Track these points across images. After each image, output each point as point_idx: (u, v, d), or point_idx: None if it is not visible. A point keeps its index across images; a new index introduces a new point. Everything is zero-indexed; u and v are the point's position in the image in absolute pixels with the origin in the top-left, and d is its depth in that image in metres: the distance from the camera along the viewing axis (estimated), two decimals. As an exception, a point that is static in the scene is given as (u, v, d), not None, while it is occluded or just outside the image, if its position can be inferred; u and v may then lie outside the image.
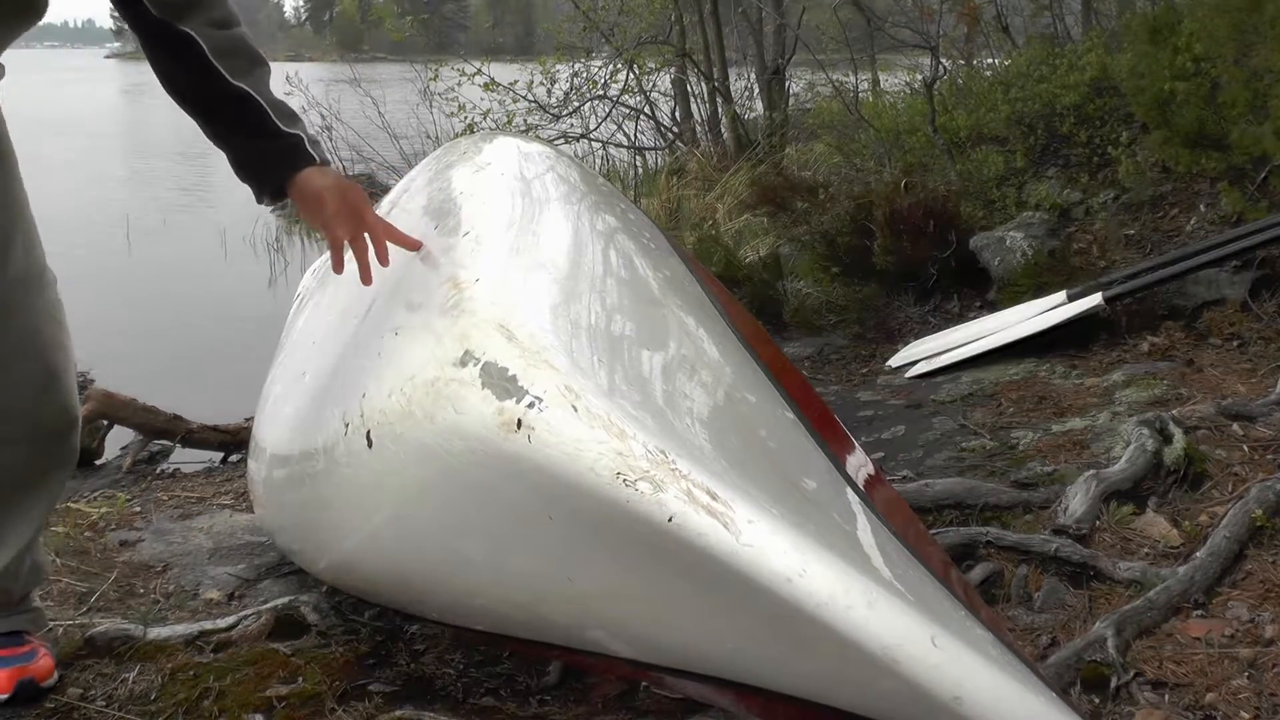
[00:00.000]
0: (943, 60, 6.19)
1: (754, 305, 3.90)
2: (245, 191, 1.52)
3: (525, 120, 7.78)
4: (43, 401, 1.50)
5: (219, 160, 1.50)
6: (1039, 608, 1.71)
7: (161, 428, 3.13)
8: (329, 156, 1.50)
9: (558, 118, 7.99)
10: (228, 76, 1.41)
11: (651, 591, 1.08)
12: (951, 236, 3.89)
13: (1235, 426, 2.25)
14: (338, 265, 1.52)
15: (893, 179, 4.25)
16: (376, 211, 2.21)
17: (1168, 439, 2.11)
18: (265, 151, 1.45)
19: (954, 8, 6.37)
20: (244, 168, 1.49)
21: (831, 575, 0.95)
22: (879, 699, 1.01)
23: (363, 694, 1.58)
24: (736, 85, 8.35)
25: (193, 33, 1.39)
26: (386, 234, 1.49)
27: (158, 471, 3.02)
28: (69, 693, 1.59)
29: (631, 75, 8.04)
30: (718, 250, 4.38)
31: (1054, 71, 4.60)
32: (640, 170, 8.15)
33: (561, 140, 7.78)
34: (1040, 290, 3.44)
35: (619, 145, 8.35)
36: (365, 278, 1.49)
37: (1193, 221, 3.65)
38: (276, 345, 2.32)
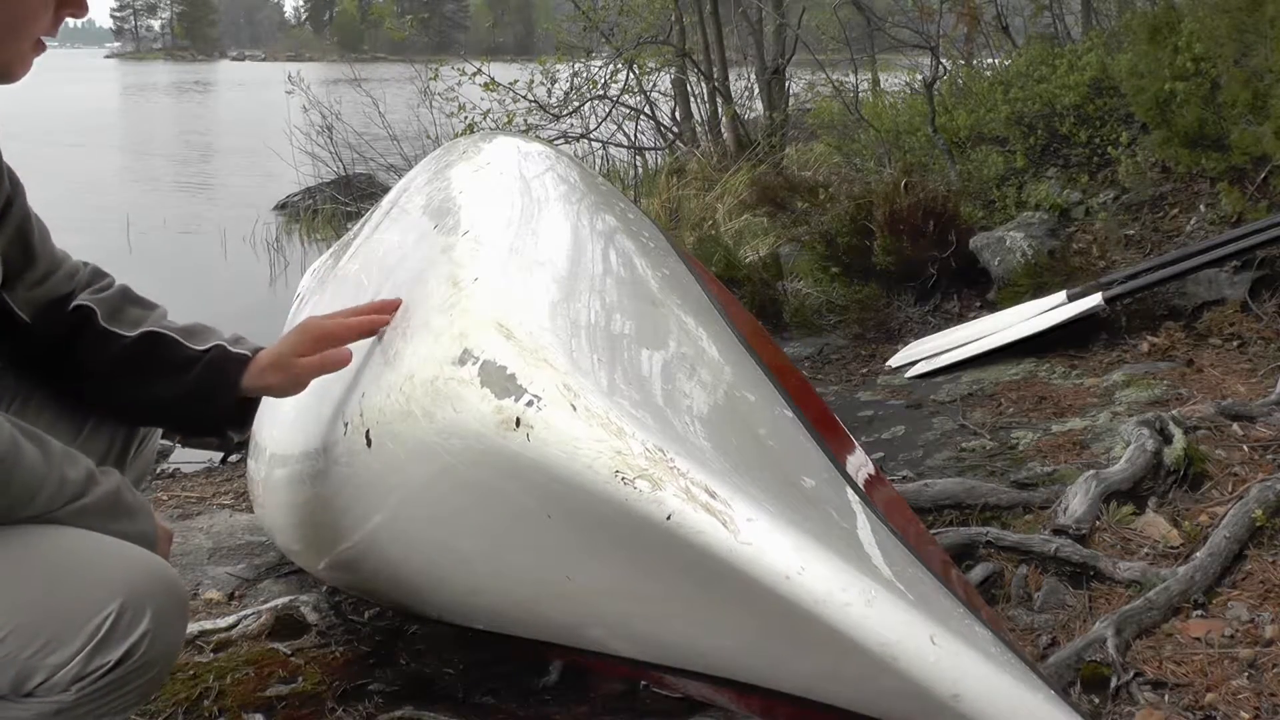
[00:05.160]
0: (943, 60, 6.20)
1: (754, 305, 3.90)
2: (245, 192, 1.49)
3: (525, 120, 7.80)
4: None
5: (219, 160, 1.47)
6: (1039, 608, 1.71)
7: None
8: (253, 345, 1.34)
9: (558, 118, 8.01)
10: (124, 333, 1.30)
11: (650, 589, 1.08)
12: (951, 236, 3.89)
13: (1235, 426, 2.25)
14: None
15: (893, 179, 4.25)
16: (377, 211, 2.21)
17: (1168, 439, 2.11)
18: (196, 380, 1.30)
19: (954, 8, 6.38)
20: (188, 408, 1.32)
21: (830, 573, 0.95)
22: (878, 696, 1.01)
23: (363, 694, 1.58)
24: (736, 85, 8.37)
25: (86, 303, 1.30)
26: (354, 327, 1.36)
27: (158, 471, 3.02)
28: (69, 692, 1.59)
29: (631, 75, 8.06)
30: (718, 250, 4.38)
31: (1054, 71, 4.61)
32: (640, 170, 8.16)
33: (561, 140, 7.79)
34: (1040, 290, 3.44)
35: (619, 145, 8.36)
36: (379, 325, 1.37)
37: (1193, 221, 3.65)
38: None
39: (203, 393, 1.31)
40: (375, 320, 1.35)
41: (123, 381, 1.31)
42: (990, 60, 6.66)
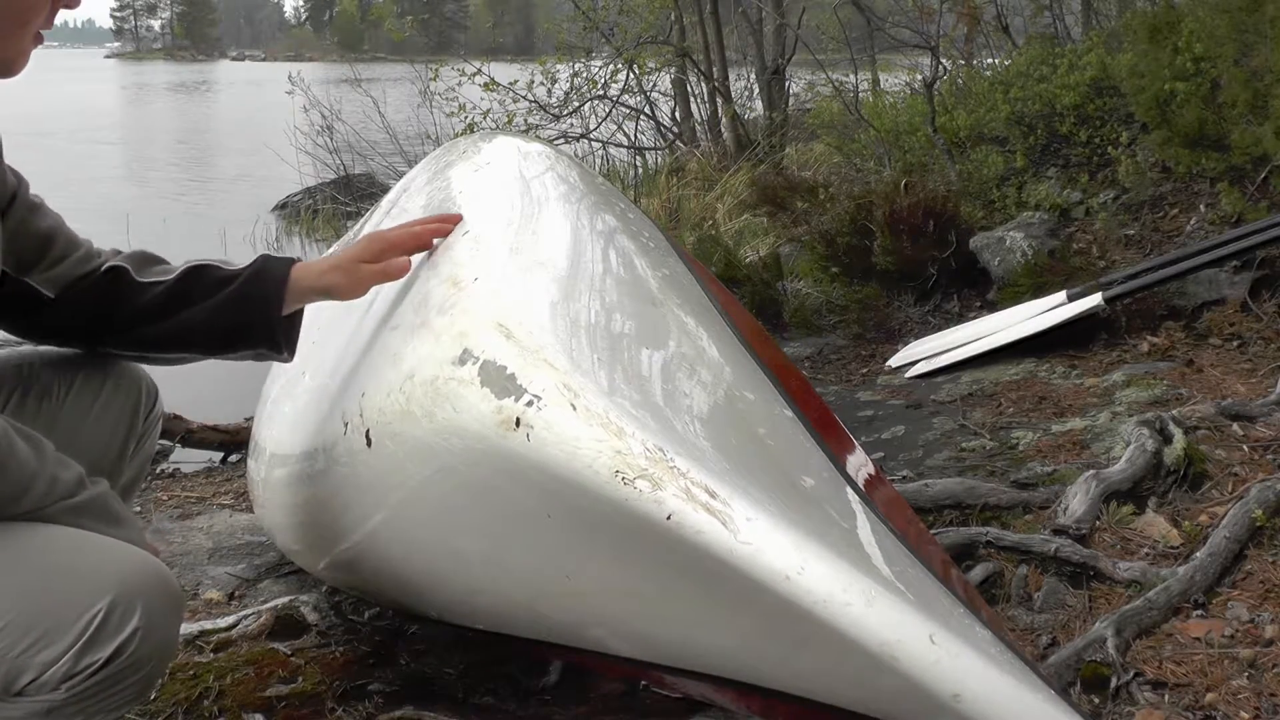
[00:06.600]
0: (943, 60, 6.20)
1: (754, 305, 3.90)
2: (245, 192, 1.49)
3: (525, 120, 7.79)
4: None
5: (219, 160, 1.47)
6: (1039, 608, 1.71)
7: (161, 427, 3.13)
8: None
9: (558, 118, 8.00)
10: (161, 279, 1.33)
11: (650, 589, 1.08)
12: (951, 236, 3.89)
13: (1235, 426, 2.25)
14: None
15: (893, 179, 4.25)
16: (377, 211, 2.21)
17: (1168, 439, 2.11)
18: (240, 289, 1.31)
19: (954, 8, 6.37)
20: (234, 321, 1.32)
21: (830, 573, 0.95)
22: (878, 696, 1.01)
23: (363, 694, 1.58)
24: (736, 85, 8.36)
25: (115, 264, 1.33)
26: (418, 234, 1.41)
27: (157, 471, 3.02)
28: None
29: (631, 75, 8.05)
30: (718, 250, 4.38)
31: (1054, 71, 4.61)
32: (640, 170, 8.15)
33: (561, 140, 7.78)
34: (1040, 290, 3.44)
35: (619, 145, 8.35)
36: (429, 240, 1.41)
37: (1193, 221, 3.65)
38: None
39: (250, 300, 1.32)
40: (437, 229, 1.41)
41: (168, 317, 1.32)
42: (990, 60, 6.66)
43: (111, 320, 1.32)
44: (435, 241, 1.43)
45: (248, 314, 1.33)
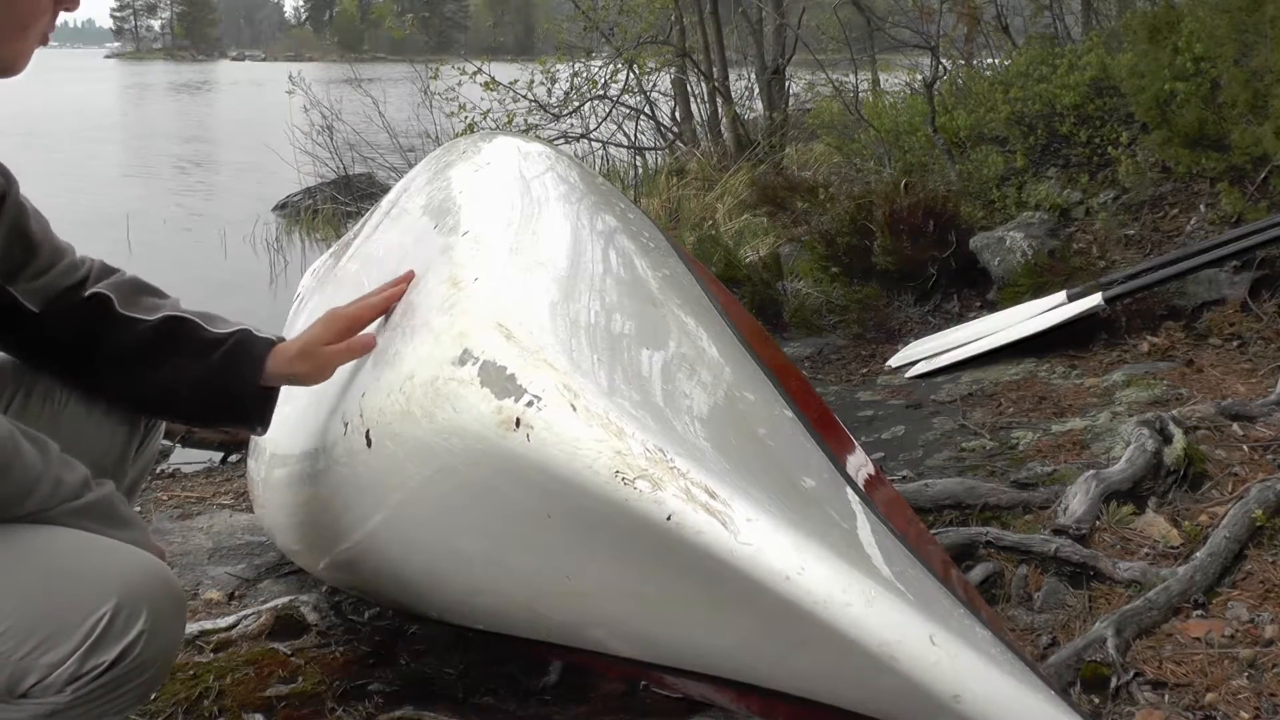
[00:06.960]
0: (943, 60, 6.20)
1: (754, 305, 3.90)
2: (245, 192, 1.48)
3: (525, 120, 7.79)
4: None
5: (219, 160, 1.46)
6: (1039, 608, 1.71)
7: (164, 429, 3.13)
8: (276, 334, 1.36)
9: (558, 117, 8.00)
10: (143, 317, 1.31)
11: (650, 589, 1.08)
12: (951, 236, 3.89)
13: (1235, 426, 2.25)
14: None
15: (893, 179, 4.25)
16: (377, 211, 2.21)
17: (1168, 439, 2.11)
18: (221, 362, 1.29)
19: (954, 8, 6.38)
20: (211, 392, 1.31)
21: (830, 573, 0.95)
22: (878, 697, 1.01)
23: (363, 694, 1.58)
24: (736, 85, 8.37)
25: (101, 290, 1.30)
26: (375, 305, 1.40)
27: (158, 471, 3.02)
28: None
29: (631, 75, 8.05)
30: (718, 250, 4.38)
31: (1054, 71, 4.61)
32: (640, 170, 8.16)
33: (561, 140, 7.79)
34: (1040, 290, 3.44)
35: (619, 145, 8.36)
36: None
37: (1193, 221, 3.65)
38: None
39: (227, 375, 1.30)
40: (393, 294, 1.39)
41: (144, 367, 1.31)
42: (990, 60, 6.66)
43: (99, 343, 1.30)
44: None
45: (221, 395, 1.32)
